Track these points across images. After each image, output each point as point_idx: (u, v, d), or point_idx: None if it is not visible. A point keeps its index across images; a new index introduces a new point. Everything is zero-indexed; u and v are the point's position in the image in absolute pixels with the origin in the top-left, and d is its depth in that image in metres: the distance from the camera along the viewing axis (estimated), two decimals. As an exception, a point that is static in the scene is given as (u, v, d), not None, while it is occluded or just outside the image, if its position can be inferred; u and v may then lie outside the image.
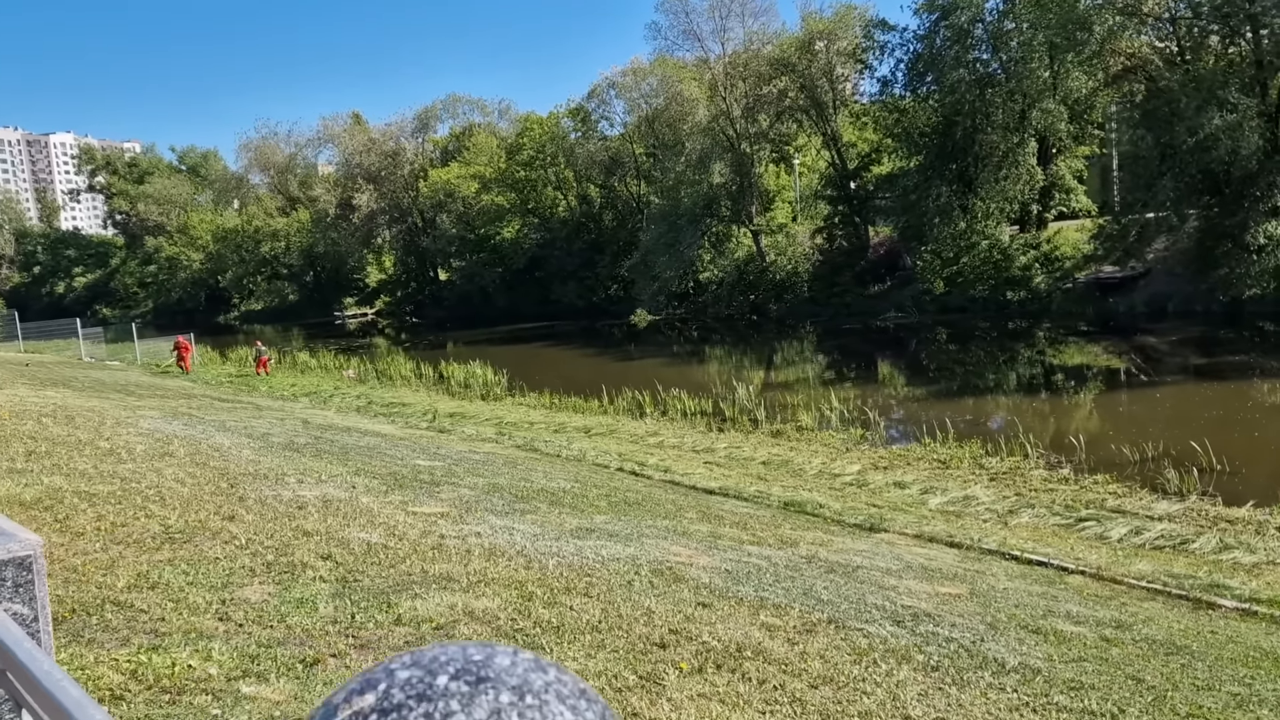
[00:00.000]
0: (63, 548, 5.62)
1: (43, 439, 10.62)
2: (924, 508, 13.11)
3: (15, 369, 27.04)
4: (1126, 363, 29.84)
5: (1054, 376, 28.79)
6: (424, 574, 5.64)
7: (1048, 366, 30.41)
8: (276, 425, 15.39)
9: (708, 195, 45.98)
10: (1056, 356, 31.95)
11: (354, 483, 9.27)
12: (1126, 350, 31.29)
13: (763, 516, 10.69)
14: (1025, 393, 26.50)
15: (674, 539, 7.84)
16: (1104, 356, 31.44)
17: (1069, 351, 32.83)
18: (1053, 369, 29.92)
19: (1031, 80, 34.09)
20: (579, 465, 14.60)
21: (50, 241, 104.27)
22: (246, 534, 6.39)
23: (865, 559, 8.13)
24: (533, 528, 7.62)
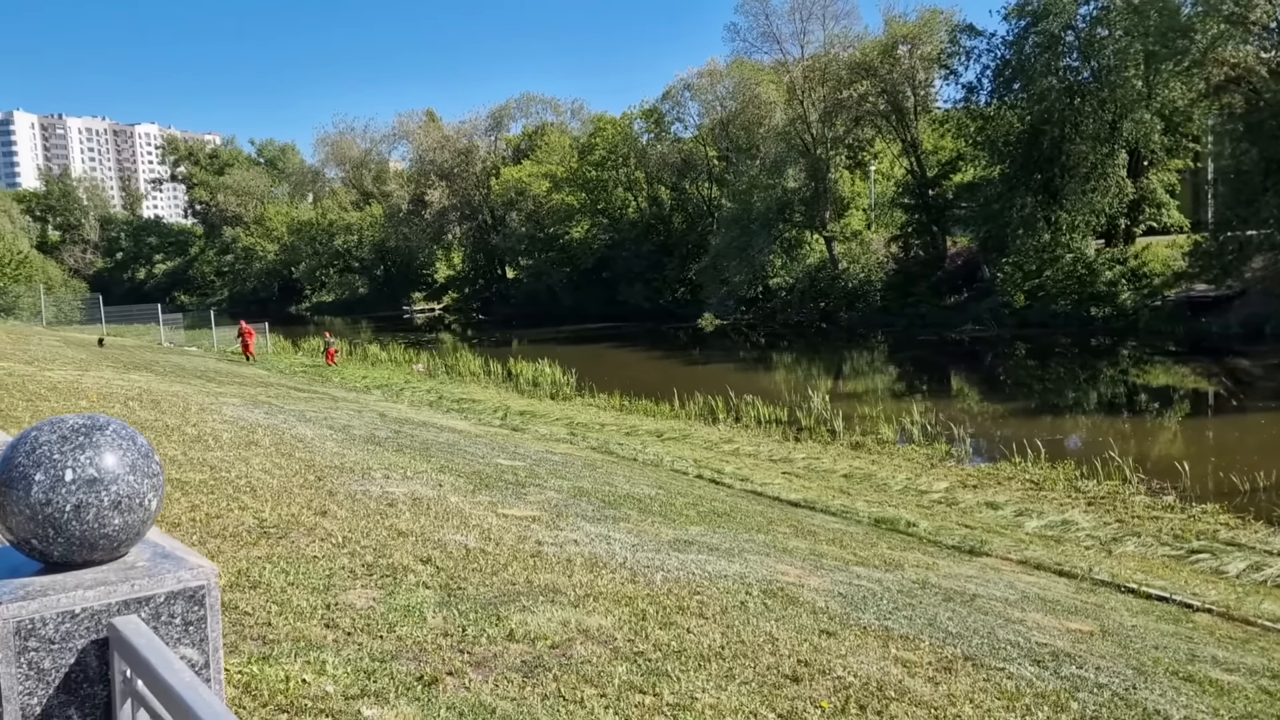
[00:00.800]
0: (160, 539, 5.44)
1: (130, 423, 10.57)
2: (1020, 531, 12.52)
3: (97, 351, 27.63)
4: (1218, 385, 28.60)
5: (1141, 397, 27.72)
6: (528, 584, 5.34)
7: (1135, 386, 29.30)
8: (355, 417, 15.33)
9: (781, 200, 45.41)
10: (1144, 376, 30.79)
11: (440, 480, 9.04)
12: (1218, 373, 30.00)
13: (856, 534, 10.23)
14: (1111, 413, 25.52)
15: (776, 555, 7.45)
16: (1194, 378, 30.21)
17: (1155, 371, 31.61)
18: (1140, 389, 28.82)
19: (1125, 89, 32.89)
20: (657, 471, 14.26)
21: (133, 229, 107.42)
22: (341, 531, 6.16)
23: (978, 586, 7.65)
24: (629, 537, 7.29)
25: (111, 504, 1.35)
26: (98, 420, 1.37)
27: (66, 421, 1.35)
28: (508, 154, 67.02)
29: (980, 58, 38.91)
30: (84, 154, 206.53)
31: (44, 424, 1.36)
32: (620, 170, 56.34)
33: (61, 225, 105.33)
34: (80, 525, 1.33)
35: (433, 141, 67.10)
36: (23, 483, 1.33)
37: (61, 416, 1.37)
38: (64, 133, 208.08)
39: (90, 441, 1.35)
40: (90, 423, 1.36)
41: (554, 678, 3.93)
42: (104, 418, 1.37)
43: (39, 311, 46.95)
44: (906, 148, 45.16)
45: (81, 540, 1.34)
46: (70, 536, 1.34)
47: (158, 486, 1.38)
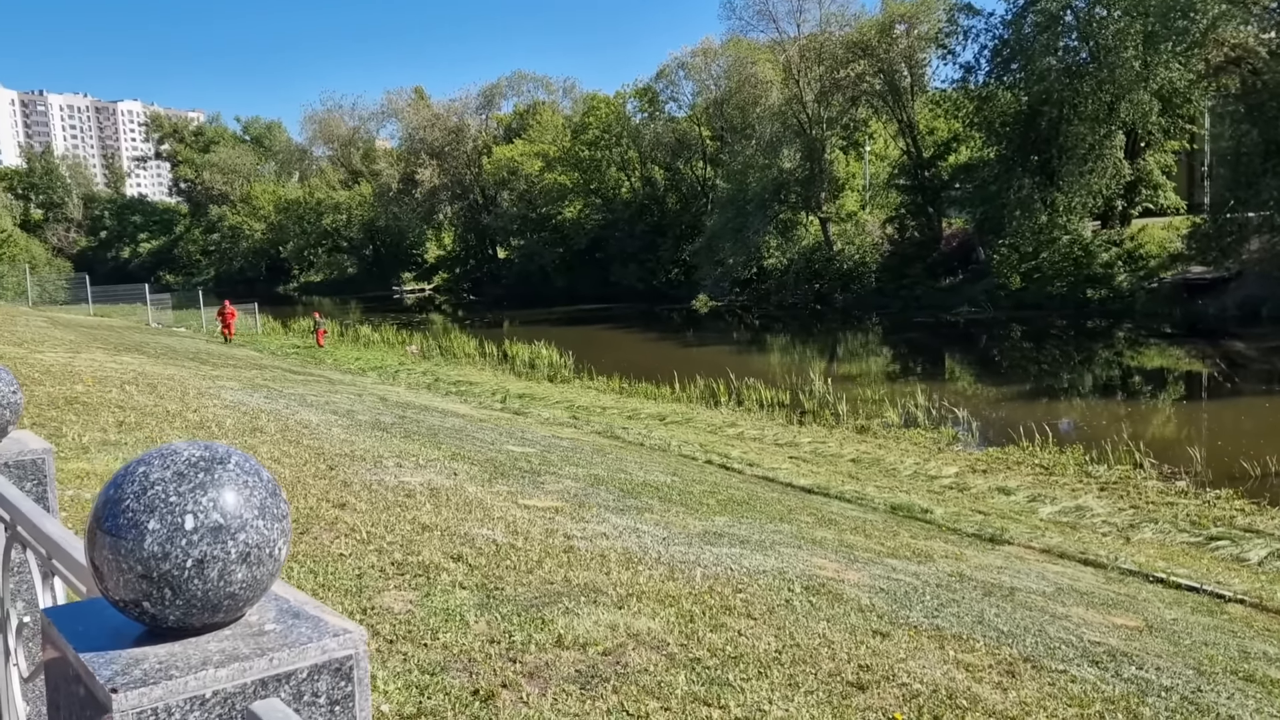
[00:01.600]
0: (178, 536, 5.18)
1: (130, 408, 10.31)
2: (1034, 517, 12.37)
3: (86, 332, 27.18)
4: (1217, 368, 28.53)
5: (1139, 380, 27.65)
6: (566, 583, 5.11)
7: (1133, 369, 29.24)
8: (356, 401, 15.05)
9: (777, 180, 45.06)
10: (1141, 359, 30.73)
11: (454, 469, 8.80)
12: (1216, 355, 29.93)
13: (875, 522, 10.05)
14: (1111, 396, 25.43)
15: (807, 548, 7.24)
16: (1192, 361, 30.16)
17: (1153, 354, 31.53)
18: (1138, 372, 28.76)
19: (1124, 70, 32.62)
20: (666, 456, 14.05)
21: (117, 207, 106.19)
22: (364, 526, 5.92)
23: (1011, 577, 7.47)
24: (657, 529, 7.07)
25: (239, 556, 1.09)
26: (217, 451, 1.11)
27: (180, 453, 1.09)
28: (499, 133, 66.34)
29: (978, 37, 38.61)
30: (66, 131, 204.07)
31: (152, 456, 1.10)
32: (613, 150, 55.83)
33: (44, 203, 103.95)
34: (203, 584, 1.08)
35: (423, 120, 66.35)
36: (133, 532, 1.07)
37: (172, 446, 1.12)
38: (45, 109, 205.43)
39: (212, 479, 1.09)
40: (209, 455, 1.10)
41: (613, 689, 3.71)
42: (223, 448, 1.12)
43: (24, 291, 46.29)
44: (902, 128, 44.85)
45: (204, 601, 1.09)
46: (191, 597, 1.08)
47: (286, 530, 1.13)
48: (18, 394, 2.37)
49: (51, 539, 1.76)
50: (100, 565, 1.09)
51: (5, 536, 2.20)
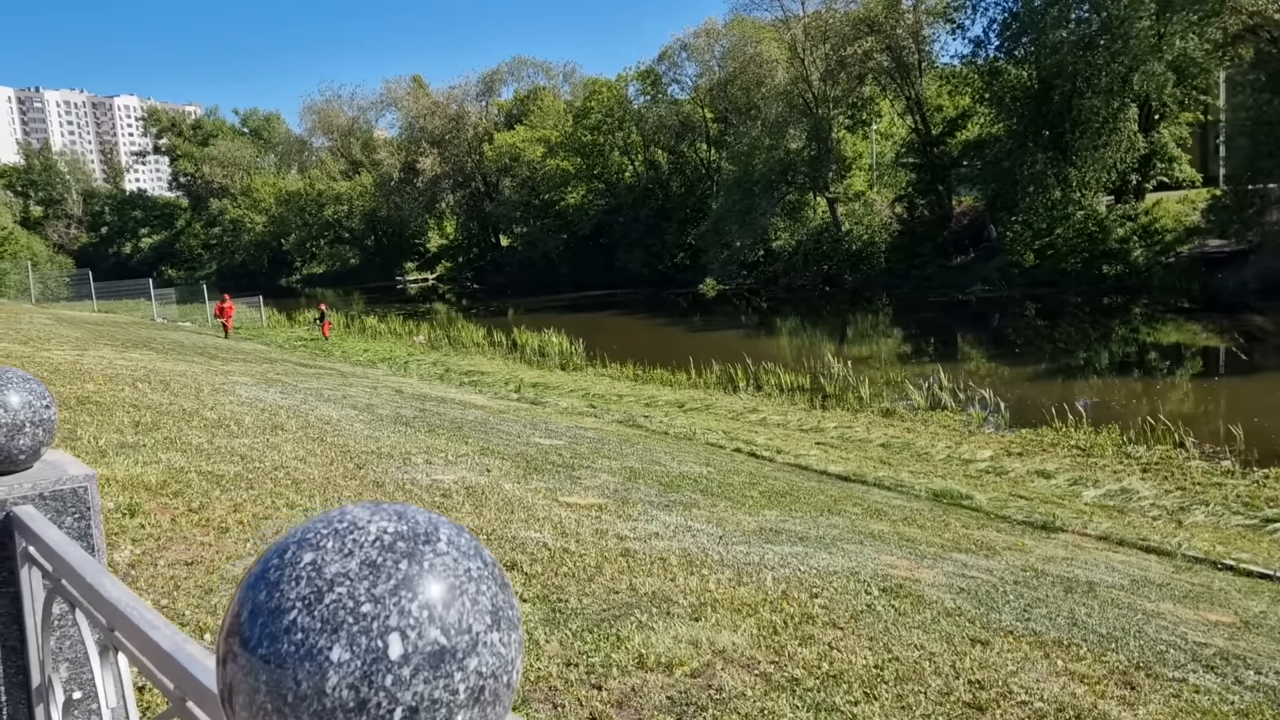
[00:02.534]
0: (211, 548, 4.79)
1: (145, 407, 9.91)
2: (1079, 501, 11.98)
3: (91, 329, 26.80)
4: (1240, 344, 28.03)
5: (1163, 357, 27.16)
6: (633, 592, 4.72)
7: (1157, 346, 28.76)
8: (372, 395, 14.66)
9: (783, 161, 44.47)
10: (1163, 334, 30.26)
11: (486, 465, 8.41)
12: (1241, 330, 29.38)
13: (923, 510, 9.66)
14: (1136, 374, 24.95)
15: (867, 543, 6.85)
16: (1215, 336, 29.62)
17: (1174, 329, 31.01)
18: (1162, 348, 28.28)
19: (1138, 40, 32.01)
20: (694, 445, 13.66)
21: (117, 202, 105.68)
22: (406, 532, 5.51)
23: (1082, 570, 7.08)
24: (710, 527, 6.67)
25: (469, 695, 0.65)
26: (416, 523, 0.71)
27: (363, 528, 0.68)
28: (500, 119, 65.70)
29: (987, 10, 37.96)
30: (63, 127, 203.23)
31: (321, 532, 0.68)
32: (616, 134, 55.21)
33: (44, 200, 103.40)
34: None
35: (423, 108, 65.70)
36: (306, 665, 0.65)
37: (348, 515, 0.76)
38: (42, 106, 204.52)
39: (420, 570, 0.70)
40: (407, 530, 0.70)
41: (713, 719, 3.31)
42: (423, 516, 0.74)
43: (27, 289, 45.89)
44: (910, 105, 44.21)
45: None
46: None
47: (521, 642, 0.68)
48: (51, 409, 1.96)
49: (113, 605, 1.35)
50: (246, 706, 0.68)
51: (44, 588, 1.79)
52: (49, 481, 1.87)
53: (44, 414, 1.93)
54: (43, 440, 1.93)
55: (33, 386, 1.95)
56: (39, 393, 1.96)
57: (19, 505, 1.81)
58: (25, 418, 1.84)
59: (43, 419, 1.93)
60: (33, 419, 1.85)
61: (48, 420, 1.94)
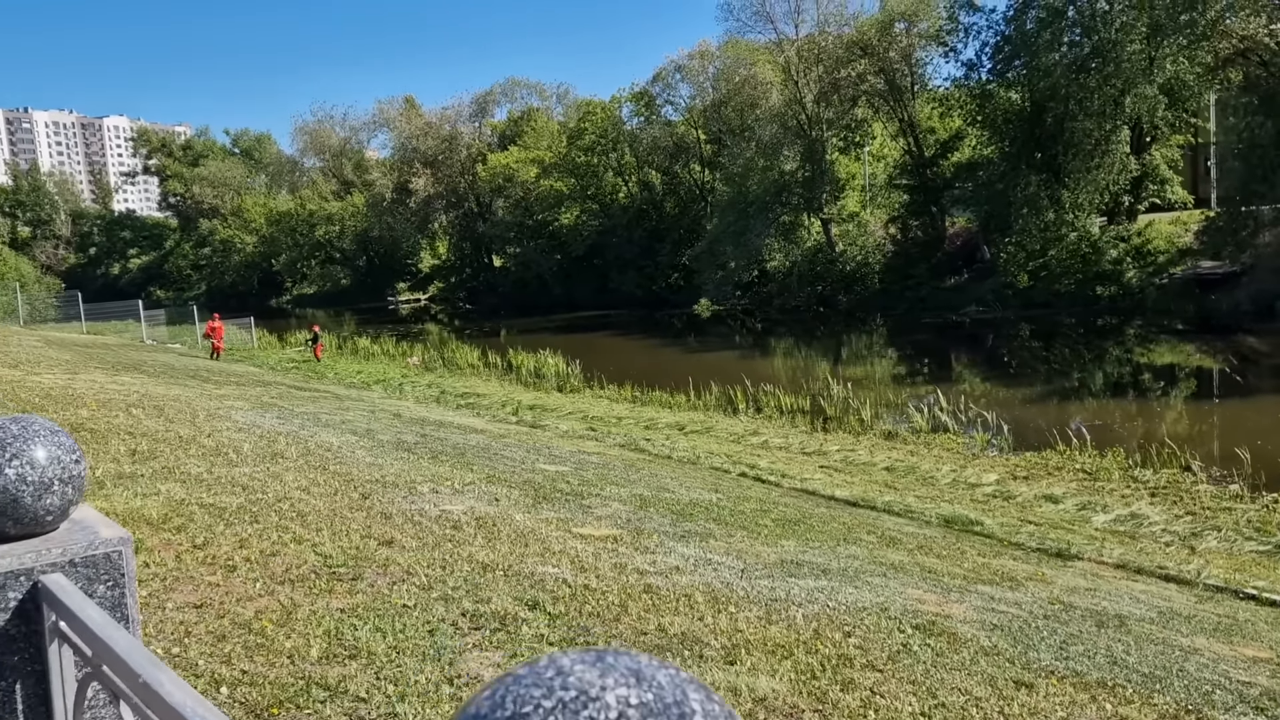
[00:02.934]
0: (220, 589, 4.59)
1: (140, 434, 9.69)
2: (1089, 527, 11.83)
3: (81, 351, 26.50)
4: (1228, 364, 28.04)
5: (1156, 378, 27.16)
6: (661, 632, 4.53)
7: (1151, 368, 28.76)
8: (370, 419, 14.44)
9: (778, 182, 44.53)
10: (1157, 356, 30.27)
11: (493, 494, 8.21)
12: (1237, 352, 29.44)
13: (936, 538, 9.49)
14: (1135, 396, 24.89)
15: (892, 575, 6.67)
16: (1205, 357, 29.64)
17: (1166, 351, 31.03)
18: (1155, 370, 28.29)
19: (1131, 64, 32.20)
20: (698, 470, 13.48)
21: (106, 223, 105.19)
22: (420, 567, 5.33)
23: (1109, 601, 6.92)
24: (729, 559, 6.49)
25: None
26: (656, 687, 0.58)
27: (595, 693, 0.59)
28: (493, 140, 65.70)
29: (980, 34, 38.19)
30: (51, 148, 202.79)
31: (535, 691, 0.58)
32: (610, 155, 55.24)
33: (32, 221, 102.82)
34: None
35: (415, 128, 65.67)
36: None
37: (566, 671, 0.57)
38: (30, 126, 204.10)
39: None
40: (650, 697, 0.59)
41: (764, 777, 3.13)
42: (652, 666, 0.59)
43: (14, 310, 45.48)
44: (904, 127, 44.37)
45: None
46: None
47: None
48: (81, 463, 1.79)
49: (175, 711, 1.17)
50: None
51: (78, 671, 1.61)
52: (80, 546, 1.69)
53: (73, 469, 1.76)
54: (71, 499, 1.76)
55: (61, 439, 1.77)
56: (68, 446, 1.78)
57: (47, 574, 1.64)
58: (54, 474, 1.68)
59: (72, 475, 1.76)
60: (61, 475, 1.69)
61: (77, 477, 1.76)
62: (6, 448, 1.70)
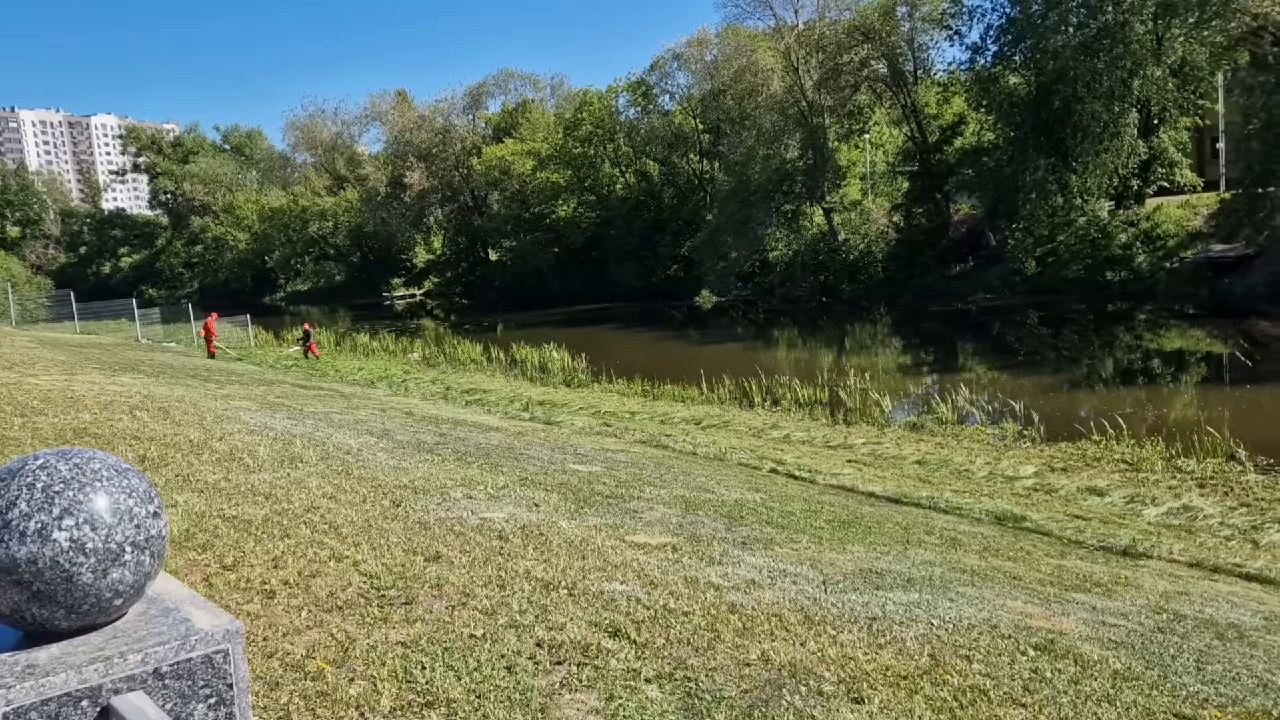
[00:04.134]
0: (262, 621, 4.02)
1: (149, 439, 9.11)
2: (1141, 521, 11.32)
3: (76, 351, 25.84)
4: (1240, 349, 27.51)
5: (1179, 364, 26.65)
6: (766, 663, 3.98)
7: (1170, 353, 28.27)
8: (383, 418, 13.86)
9: (780, 171, 43.92)
10: (1173, 341, 29.79)
11: (532, 499, 7.66)
12: (1251, 334, 28.99)
13: (995, 537, 8.97)
14: (1159, 382, 24.32)
15: (980, 584, 6.14)
16: (1224, 342, 29.16)
17: (1181, 336, 30.53)
18: (1174, 356, 27.77)
19: (1140, 44, 31.65)
20: (728, 466, 12.94)
21: (96, 222, 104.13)
22: (477, 587, 4.78)
23: (1210, 607, 6.39)
24: (804, 569, 5.94)
25: None
26: None
27: None
28: (488, 133, 64.91)
29: (984, 17, 37.61)
30: (39, 147, 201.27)
31: None
32: (607, 146, 54.52)
33: (21, 220, 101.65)
34: None
35: (409, 122, 64.85)
36: None
37: None
38: (17, 126, 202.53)
39: None
40: None
41: None
42: None
43: (6, 310, 44.72)
44: (906, 113, 43.78)
45: None
46: None
47: None
48: (160, 517, 1.22)
49: None
50: None
51: None
52: (168, 646, 1.11)
53: (150, 527, 1.19)
54: (149, 570, 1.19)
55: (131, 482, 1.20)
56: (141, 492, 1.22)
57: (120, 693, 1.05)
58: (124, 536, 1.09)
59: (149, 536, 1.19)
60: (135, 538, 1.12)
61: (157, 537, 1.20)
62: (54, 500, 1.07)
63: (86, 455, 1.20)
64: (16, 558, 1.07)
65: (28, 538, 1.04)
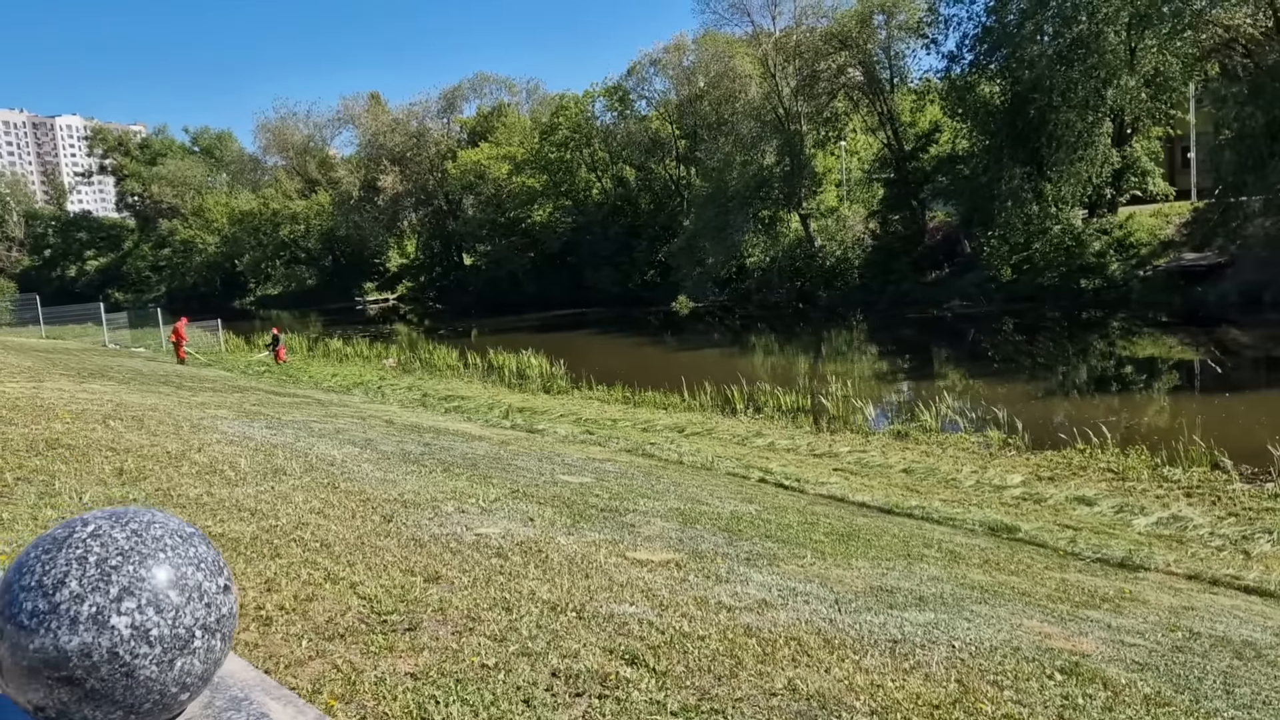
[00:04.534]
0: (261, 651, 3.80)
1: (125, 450, 8.79)
2: (1131, 531, 11.30)
3: (43, 356, 25.25)
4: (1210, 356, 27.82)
5: (1151, 372, 26.85)
6: (793, 693, 3.81)
7: (1143, 360, 28.47)
8: (363, 427, 13.58)
9: (758, 177, 43.93)
10: (1145, 349, 30.04)
11: (525, 512, 7.45)
12: (1222, 342, 29.32)
13: (992, 549, 8.88)
14: (1138, 391, 24.46)
15: (991, 601, 6.01)
16: (1196, 350, 29.47)
17: (1153, 343, 30.79)
18: (1147, 364, 27.98)
19: (1114, 55, 31.95)
20: (716, 476, 12.79)
21: (61, 224, 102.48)
22: (482, 611, 4.57)
23: (1220, 624, 6.31)
24: (813, 587, 5.79)
25: None
26: None
27: None
28: (463, 137, 64.48)
29: (960, 25, 37.83)
30: (2, 149, 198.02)
31: None
32: (584, 150, 54.31)
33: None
34: None
35: (383, 125, 64.30)
36: None
37: None
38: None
39: None
40: None
41: None
42: None
43: (-32, 315, 43.74)
44: (883, 120, 43.96)
45: None
46: None
47: None
48: (231, 590, 1.06)
49: None
50: None
51: None
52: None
53: (221, 605, 1.00)
54: (219, 658, 1.00)
55: (198, 550, 1.06)
56: (210, 562, 1.04)
57: None
58: (194, 619, 0.98)
59: (220, 616, 1.00)
60: (205, 620, 1.01)
61: (228, 616, 1.02)
62: (110, 579, 0.87)
63: (145, 519, 1.02)
64: (67, 650, 0.87)
65: (80, 625, 0.85)
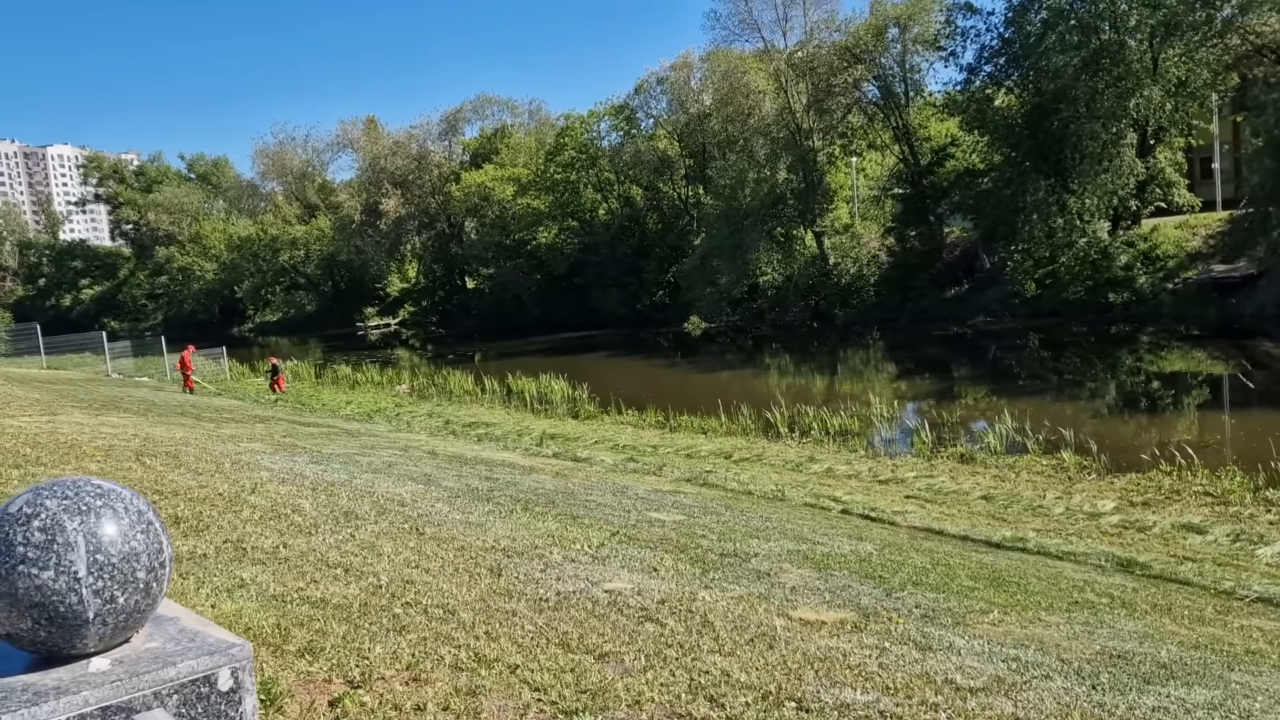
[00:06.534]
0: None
1: (172, 493, 7.83)
2: (1259, 562, 10.37)
3: (50, 388, 24.24)
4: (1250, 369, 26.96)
5: (1194, 387, 26.00)
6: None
7: (1180, 375, 27.64)
8: (407, 458, 12.63)
9: (771, 194, 43.19)
10: (1177, 363, 29.22)
11: (642, 559, 6.52)
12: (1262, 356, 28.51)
13: (1144, 590, 7.95)
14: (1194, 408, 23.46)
15: (1243, 669, 5.08)
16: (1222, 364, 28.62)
17: (1183, 358, 29.97)
18: (1188, 380, 27.13)
19: (1140, 64, 31.36)
20: (793, 508, 11.85)
21: (56, 253, 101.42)
22: (689, 706, 3.64)
23: None
24: (1042, 657, 4.85)
25: None
26: None
27: None
28: (465, 159, 63.76)
29: (979, 37, 37.23)
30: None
31: None
32: (589, 171, 53.57)
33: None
34: None
35: (383, 148, 63.56)
36: None
37: None
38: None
39: None
40: None
41: None
42: None
43: (-36, 346, 42.70)
44: (898, 135, 43.31)
45: None
46: None
47: None
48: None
49: None
50: None
51: None
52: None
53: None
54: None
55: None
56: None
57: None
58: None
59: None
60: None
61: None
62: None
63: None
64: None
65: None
